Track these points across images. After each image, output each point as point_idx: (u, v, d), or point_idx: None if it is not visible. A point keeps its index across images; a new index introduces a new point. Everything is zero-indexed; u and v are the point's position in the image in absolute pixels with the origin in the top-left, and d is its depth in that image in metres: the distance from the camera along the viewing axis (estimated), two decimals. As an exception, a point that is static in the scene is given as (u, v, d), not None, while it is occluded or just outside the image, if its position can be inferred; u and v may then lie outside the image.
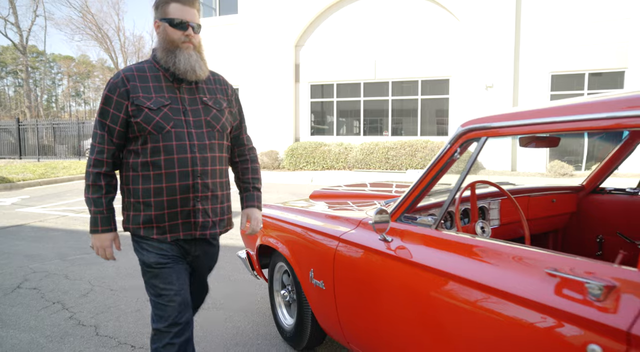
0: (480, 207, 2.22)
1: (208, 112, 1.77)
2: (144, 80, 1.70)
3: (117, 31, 38.10)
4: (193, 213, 1.73)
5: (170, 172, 1.67)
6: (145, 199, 1.69)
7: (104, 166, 1.71)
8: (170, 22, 1.69)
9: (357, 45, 13.92)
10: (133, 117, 1.65)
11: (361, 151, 12.93)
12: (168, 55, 1.69)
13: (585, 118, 1.23)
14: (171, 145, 1.67)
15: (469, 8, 12.38)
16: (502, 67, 12.16)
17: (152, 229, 1.71)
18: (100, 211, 1.71)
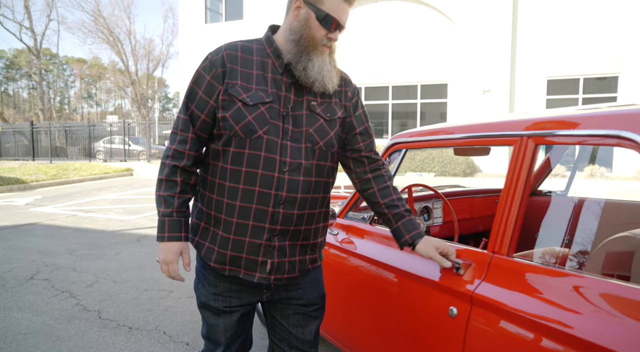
0: (424, 207, 2.58)
1: (313, 122, 1.35)
2: (248, 65, 1.31)
3: (128, 34, 38.80)
4: (263, 250, 1.33)
5: (249, 190, 1.30)
6: (216, 212, 1.34)
7: (185, 159, 1.33)
8: (319, 15, 1.28)
9: (358, 51, 14.28)
10: (222, 110, 1.29)
11: (361, 154, 13.26)
12: (299, 55, 1.29)
13: (467, 136, 1.59)
14: (258, 156, 1.29)
15: (466, 13, 12.69)
16: (499, 72, 12.44)
17: (213, 253, 1.36)
18: (170, 213, 1.31)
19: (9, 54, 43.35)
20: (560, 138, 1.27)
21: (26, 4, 25.62)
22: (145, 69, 37.63)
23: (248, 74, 1.31)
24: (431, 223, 2.58)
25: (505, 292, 1.26)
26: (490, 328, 1.26)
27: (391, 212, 1.45)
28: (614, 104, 1.64)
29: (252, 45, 1.36)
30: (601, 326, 1.03)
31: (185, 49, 17.09)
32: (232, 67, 1.30)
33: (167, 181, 1.34)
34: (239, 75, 1.30)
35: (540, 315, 1.14)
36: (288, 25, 1.34)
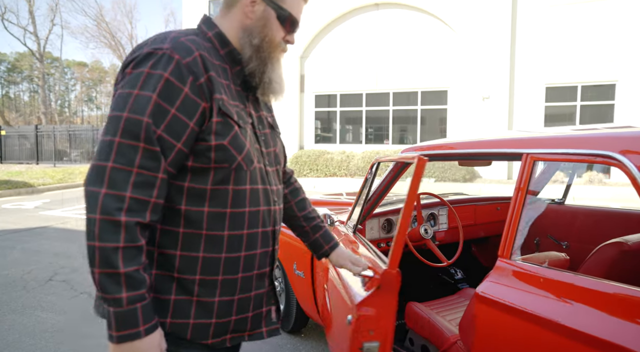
0: (431, 213, 2.76)
1: (275, 139, 1.20)
2: (217, 72, 1.02)
3: (129, 39, 39.04)
4: (267, 298, 1.15)
5: (253, 233, 1.07)
6: (208, 276, 1.02)
7: (149, 212, 0.93)
8: (281, 14, 1.09)
9: (360, 57, 14.50)
10: (216, 137, 0.98)
11: (362, 159, 13.46)
12: (265, 63, 1.08)
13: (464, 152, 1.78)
14: (257, 190, 1.07)
15: (465, 21, 12.91)
16: (498, 79, 12.65)
17: (208, 329, 1.04)
18: (141, 296, 0.91)
19: (10, 58, 43.56)
20: (557, 156, 1.46)
21: (31, 9, 25.88)
22: (146, 73, 37.76)
23: (223, 84, 1.02)
24: (437, 229, 2.76)
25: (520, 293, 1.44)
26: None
27: (309, 225, 1.39)
28: (610, 125, 1.82)
29: (203, 42, 1.03)
30: (594, 320, 1.21)
31: (189, 54, 17.28)
32: (212, 75, 0.98)
33: (128, 250, 0.89)
34: (220, 87, 1.00)
35: (545, 311, 1.32)
36: (239, 24, 1.08)
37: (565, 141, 1.46)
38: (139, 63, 0.94)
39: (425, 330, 2.14)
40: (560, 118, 12.54)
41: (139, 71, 0.93)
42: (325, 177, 13.75)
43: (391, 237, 2.58)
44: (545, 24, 12.27)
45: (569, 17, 12.02)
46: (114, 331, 0.90)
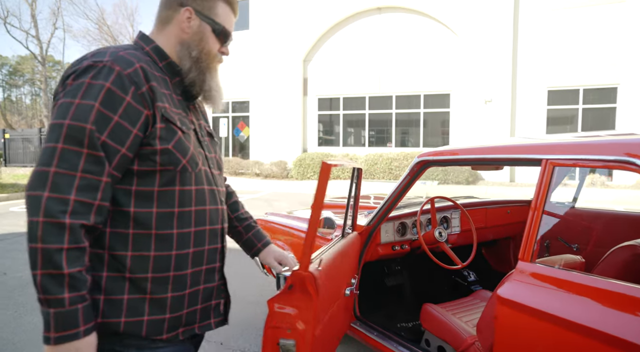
0: (444, 217, 2.80)
1: (215, 147, 1.29)
2: (159, 82, 1.09)
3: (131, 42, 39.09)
4: (217, 291, 1.22)
5: (201, 230, 1.14)
6: (159, 273, 1.07)
7: (94, 214, 0.97)
8: (216, 28, 1.17)
9: (363, 61, 14.57)
10: (161, 141, 1.04)
11: (366, 162, 13.51)
12: (203, 74, 1.17)
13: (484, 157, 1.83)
14: (203, 190, 1.15)
15: (468, 25, 12.98)
16: (500, 83, 12.71)
17: (162, 324, 1.08)
18: (82, 298, 0.94)
19: (12, 61, 43.69)
20: (576, 161, 1.51)
21: (33, 13, 25.96)
22: (148, 76, 37.89)
23: (164, 94, 1.09)
24: (450, 232, 2.80)
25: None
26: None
27: (242, 225, 1.46)
28: (613, 133, 1.87)
29: (142, 56, 1.10)
30: (615, 321, 1.26)
31: (192, 58, 17.36)
32: (154, 85, 1.05)
33: (72, 251, 0.92)
34: (162, 96, 1.07)
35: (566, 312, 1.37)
36: (176, 38, 1.15)
37: (585, 147, 1.51)
38: (79, 75, 0.99)
39: (442, 331, 2.19)
40: (562, 121, 12.60)
41: (79, 82, 0.98)
42: (329, 180, 13.79)
43: (406, 240, 2.63)
44: (547, 27, 12.34)
45: (570, 21, 12.09)
46: (53, 332, 0.91)
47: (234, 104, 16.86)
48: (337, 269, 1.83)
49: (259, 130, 16.13)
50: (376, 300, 2.94)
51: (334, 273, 1.78)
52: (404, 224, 2.64)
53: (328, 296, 1.68)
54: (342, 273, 1.95)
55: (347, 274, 2.04)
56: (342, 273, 1.93)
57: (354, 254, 2.24)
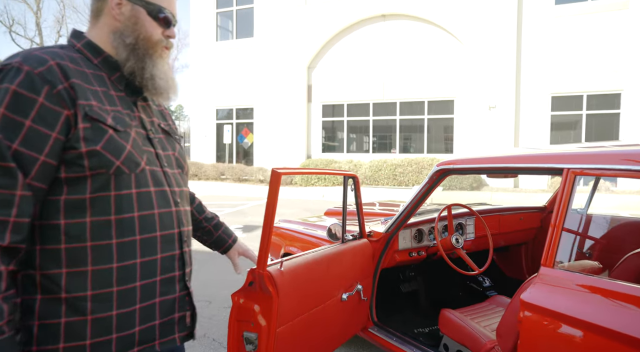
0: (459, 223, 2.85)
1: (173, 145, 1.19)
2: (87, 79, 1.00)
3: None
4: (179, 303, 1.10)
5: (149, 237, 1.03)
6: (100, 290, 0.96)
7: (9, 233, 0.88)
8: (151, 10, 1.08)
9: (367, 68, 14.67)
10: (86, 143, 0.94)
11: (370, 168, 13.56)
12: (142, 61, 1.08)
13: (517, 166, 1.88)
14: (149, 193, 1.03)
15: (471, 32, 13.08)
16: (504, 89, 12.79)
17: (110, 345, 0.97)
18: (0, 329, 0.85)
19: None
20: (597, 171, 1.56)
21: (37, 21, 26.24)
22: (151, 82, 38.16)
23: (94, 91, 1.00)
24: (465, 238, 2.85)
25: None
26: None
27: (211, 224, 1.44)
28: (618, 143, 1.93)
29: (70, 53, 1.02)
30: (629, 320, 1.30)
31: (197, 66, 17.51)
32: (76, 82, 0.96)
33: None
34: (88, 93, 0.98)
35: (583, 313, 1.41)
36: (109, 28, 1.07)
37: (605, 157, 1.56)
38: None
39: (461, 336, 2.23)
40: (566, 127, 12.66)
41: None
42: (333, 186, 13.85)
43: (423, 247, 2.68)
44: (550, 34, 12.44)
45: (573, 28, 12.18)
46: None
47: (238, 111, 16.96)
48: (320, 273, 1.89)
49: (263, 136, 16.21)
50: (393, 306, 2.98)
51: (315, 276, 1.85)
52: (421, 230, 2.69)
53: (303, 297, 1.75)
54: (333, 277, 2.00)
55: (343, 278, 2.08)
56: (332, 277, 1.98)
57: (361, 260, 2.27)
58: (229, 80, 16.79)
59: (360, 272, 2.20)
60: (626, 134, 11.70)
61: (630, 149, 1.61)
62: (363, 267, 2.22)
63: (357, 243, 2.22)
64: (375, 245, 2.52)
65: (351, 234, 2.27)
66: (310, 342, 1.86)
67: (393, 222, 2.46)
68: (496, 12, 12.78)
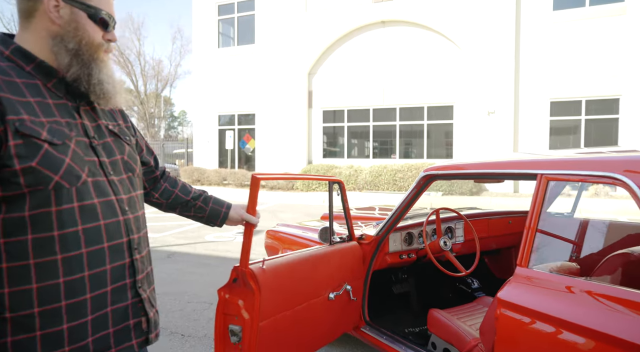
0: (448, 227, 2.95)
1: (121, 148, 1.15)
2: (17, 90, 0.97)
3: (137, 56, 39.63)
4: (132, 310, 1.10)
5: (96, 249, 1.02)
6: (47, 306, 0.96)
7: None
8: (92, 13, 1.04)
9: (367, 74, 14.81)
10: (19, 160, 0.92)
11: (370, 173, 13.67)
12: (82, 67, 1.03)
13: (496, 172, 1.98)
14: (93, 205, 1.02)
15: (470, 38, 13.22)
16: (503, 94, 12.90)
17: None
18: None
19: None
20: (568, 177, 1.66)
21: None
22: (154, 88, 38.50)
23: (26, 103, 0.95)
24: (454, 241, 2.95)
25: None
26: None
27: (200, 200, 1.45)
28: (616, 149, 2.03)
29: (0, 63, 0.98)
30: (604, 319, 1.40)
31: (199, 73, 17.70)
32: (3, 96, 0.92)
33: None
34: (18, 106, 0.94)
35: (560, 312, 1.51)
36: (46, 32, 1.01)
37: (576, 163, 1.66)
38: None
39: (447, 334, 2.33)
40: (565, 132, 12.75)
41: None
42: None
43: (413, 249, 2.78)
44: (548, 39, 12.56)
45: (572, 33, 12.30)
46: None
47: (239, 117, 17.12)
48: (304, 272, 2.00)
49: (265, 142, 16.35)
50: (385, 306, 3.08)
51: (299, 275, 1.96)
52: (411, 234, 2.79)
53: (286, 294, 1.87)
54: (320, 277, 2.10)
55: (331, 278, 2.18)
56: (318, 277, 2.09)
57: (350, 262, 2.36)
58: (230, 86, 16.97)
59: (349, 273, 2.30)
60: (625, 139, 11.78)
61: (605, 156, 1.71)
62: (352, 268, 2.32)
63: (346, 245, 2.32)
64: (367, 248, 2.62)
65: (339, 237, 2.38)
66: (296, 337, 1.97)
67: (383, 226, 2.57)
68: (494, 18, 12.92)
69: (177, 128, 54.07)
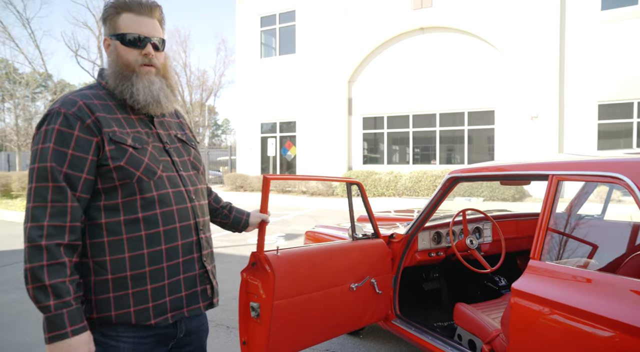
0: (476, 227, 3.10)
1: (188, 151, 1.45)
2: (110, 110, 1.28)
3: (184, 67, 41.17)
4: (200, 279, 1.37)
5: (170, 228, 1.29)
6: (136, 270, 1.24)
7: (68, 234, 1.18)
8: (122, 39, 1.30)
9: (406, 80, 14.90)
10: (112, 161, 1.22)
11: (410, 179, 13.71)
12: (123, 83, 1.29)
13: (512, 173, 2.14)
14: (167, 194, 1.30)
15: (511, 41, 13.05)
16: (547, 98, 12.63)
17: (148, 311, 1.26)
18: (67, 303, 1.14)
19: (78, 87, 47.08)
20: (575, 177, 1.81)
21: (99, 45, 28.32)
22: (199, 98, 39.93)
23: (115, 119, 1.28)
24: (482, 241, 3.09)
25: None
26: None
27: (226, 209, 1.73)
28: (630, 151, 2.14)
29: (97, 91, 1.31)
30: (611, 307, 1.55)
31: (242, 82, 18.37)
32: (100, 115, 1.24)
33: (52, 266, 1.14)
34: (111, 122, 1.26)
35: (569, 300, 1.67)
36: (109, 65, 1.34)
37: (582, 165, 1.81)
38: (40, 124, 1.24)
39: (472, 326, 2.48)
40: (615, 135, 12.30)
41: (40, 131, 1.22)
42: (373, 197, 14.08)
43: (441, 248, 2.95)
44: (596, 40, 12.21)
45: (622, 33, 11.91)
46: (47, 333, 1.14)
47: (281, 124, 17.60)
48: (321, 262, 2.21)
49: (305, 149, 16.73)
50: (417, 302, 3.25)
51: (315, 264, 2.17)
52: (439, 233, 2.96)
53: (301, 279, 2.09)
54: (338, 268, 2.29)
55: (351, 271, 2.36)
56: (336, 268, 2.28)
57: (374, 257, 2.52)
58: (272, 95, 17.50)
59: (372, 268, 2.48)
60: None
61: (610, 158, 1.84)
62: (375, 263, 2.51)
63: (369, 242, 2.52)
64: (397, 245, 2.82)
65: (362, 234, 2.59)
66: (312, 319, 2.18)
67: (412, 225, 2.76)
68: (537, 20, 12.70)
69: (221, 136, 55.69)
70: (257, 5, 17.93)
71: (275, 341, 2.00)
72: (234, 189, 16.68)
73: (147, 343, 1.29)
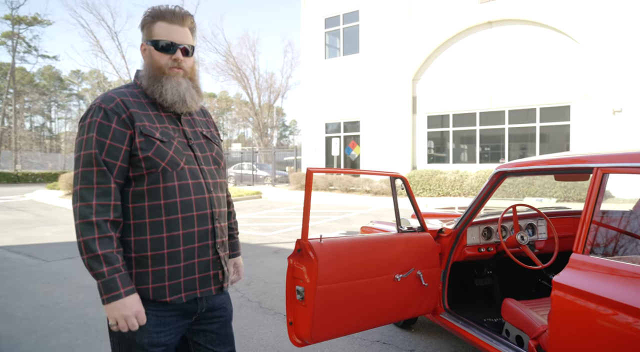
0: (529, 224, 3.03)
1: (211, 147, 1.58)
2: (143, 107, 1.45)
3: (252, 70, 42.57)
4: (212, 264, 1.50)
5: (188, 216, 1.43)
6: (156, 251, 1.39)
7: (112, 211, 1.35)
8: (155, 45, 1.45)
9: (472, 76, 14.45)
10: (141, 151, 1.38)
11: (476, 179, 13.28)
12: (154, 84, 1.45)
13: (557, 167, 2.12)
14: (187, 184, 1.44)
15: (592, 31, 12.21)
16: (632, 90, 11.68)
17: (164, 289, 1.41)
18: (117, 269, 1.32)
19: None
20: (620, 169, 1.78)
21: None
22: (267, 100, 41.21)
23: (148, 114, 1.43)
24: (536, 238, 3.02)
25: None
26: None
27: (228, 233, 1.70)
28: None
29: (132, 90, 1.47)
30: None
31: (307, 83, 18.77)
32: (134, 111, 1.40)
33: (102, 239, 1.31)
34: (143, 117, 1.41)
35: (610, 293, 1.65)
36: (144, 68, 1.49)
37: (628, 157, 1.77)
38: (84, 117, 1.40)
39: (519, 322, 2.46)
40: None
41: (84, 122, 1.39)
42: (437, 196, 13.82)
43: (492, 243, 2.93)
44: (687, 28, 11.11)
45: None
46: (104, 295, 1.30)
47: (345, 124, 17.76)
48: (364, 252, 2.30)
49: (369, 148, 16.75)
50: (467, 297, 3.25)
51: (358, 253, 2.27)
52: (490, 228, 2.95)
53: (344, 267, 2.20)
54: (382, 258, 2.36)
55: (396, 262, 2.43)
56: (379, 257, 2.36)
57: (419, 249, 2.56)
58: (337, 95, 17.71)
59: (417, 260, 2.54)
60: None
61: None
62: (421, 256, 2.56)
63: (414, 235, 2.57)
64: (446, 240, 2.86)
65: (408, 227, 2.65)
66: (354, 305, 2.28)
67: (460, 220, 2.78)
68: (622, 8, 11.78)
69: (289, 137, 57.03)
70: (321, 6, 18.24)
71: (319, 324, 2.14)
72: (298, 188, 17.09)
73: (169, 316, 1.44)
